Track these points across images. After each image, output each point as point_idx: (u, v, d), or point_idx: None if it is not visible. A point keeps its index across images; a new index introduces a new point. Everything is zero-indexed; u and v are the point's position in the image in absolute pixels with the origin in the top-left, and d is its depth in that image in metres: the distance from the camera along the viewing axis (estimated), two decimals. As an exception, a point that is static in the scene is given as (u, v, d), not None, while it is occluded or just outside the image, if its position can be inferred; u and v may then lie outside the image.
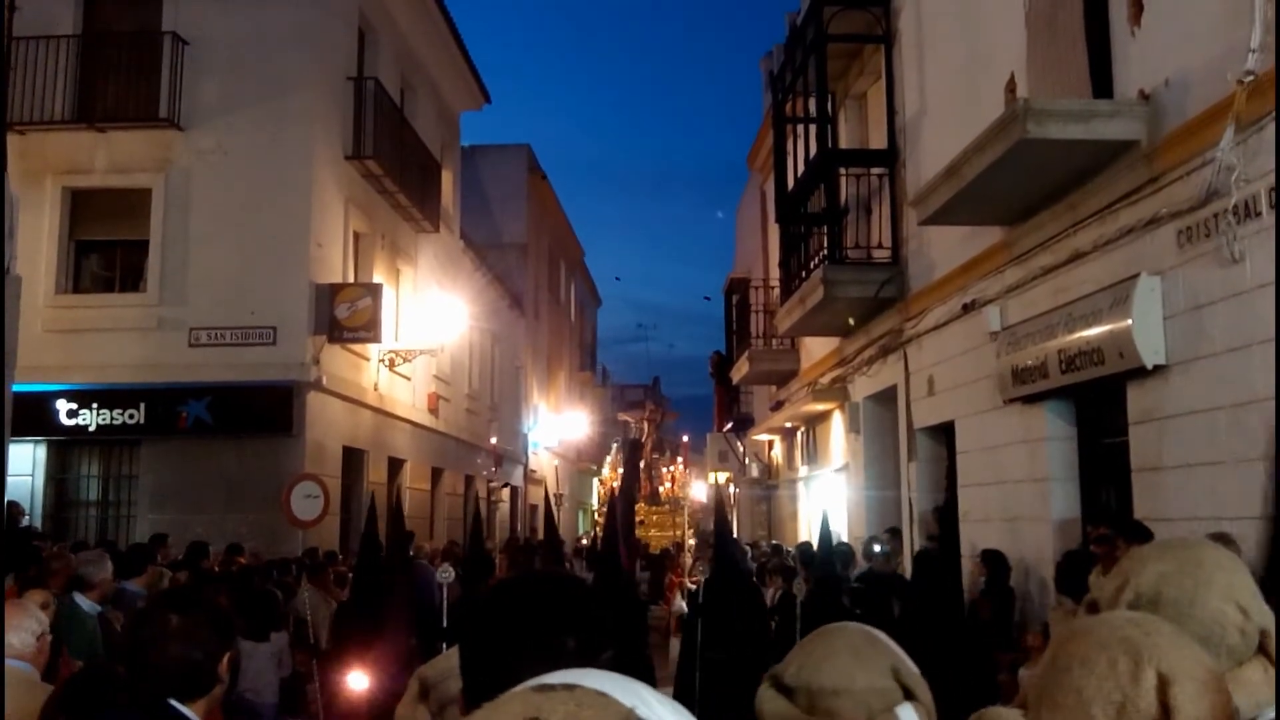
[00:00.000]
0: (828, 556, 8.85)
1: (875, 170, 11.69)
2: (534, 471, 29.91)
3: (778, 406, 18.20)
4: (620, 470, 26.91)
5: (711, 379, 27.49)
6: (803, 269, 12.59)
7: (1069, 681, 1.30)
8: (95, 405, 13.61)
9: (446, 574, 5.87)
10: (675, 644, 10.62)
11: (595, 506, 35.76)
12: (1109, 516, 6.79)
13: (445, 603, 6.04)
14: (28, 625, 3.69)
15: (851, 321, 11.17)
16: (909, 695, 1.78)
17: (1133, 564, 1.62)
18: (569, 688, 0.85)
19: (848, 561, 9.84)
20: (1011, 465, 8.56)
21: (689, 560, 14.52)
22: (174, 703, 2.42)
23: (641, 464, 26.95)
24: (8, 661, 3.45)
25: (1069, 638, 1.36)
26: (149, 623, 2.55)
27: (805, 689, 1.74)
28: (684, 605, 11.86)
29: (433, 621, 7.33)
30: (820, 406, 14.81)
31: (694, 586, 12.12)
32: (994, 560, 7.97)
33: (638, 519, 25.16)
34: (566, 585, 1.49)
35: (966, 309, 9.36)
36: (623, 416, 31.12)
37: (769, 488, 21.29)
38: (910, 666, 1.81)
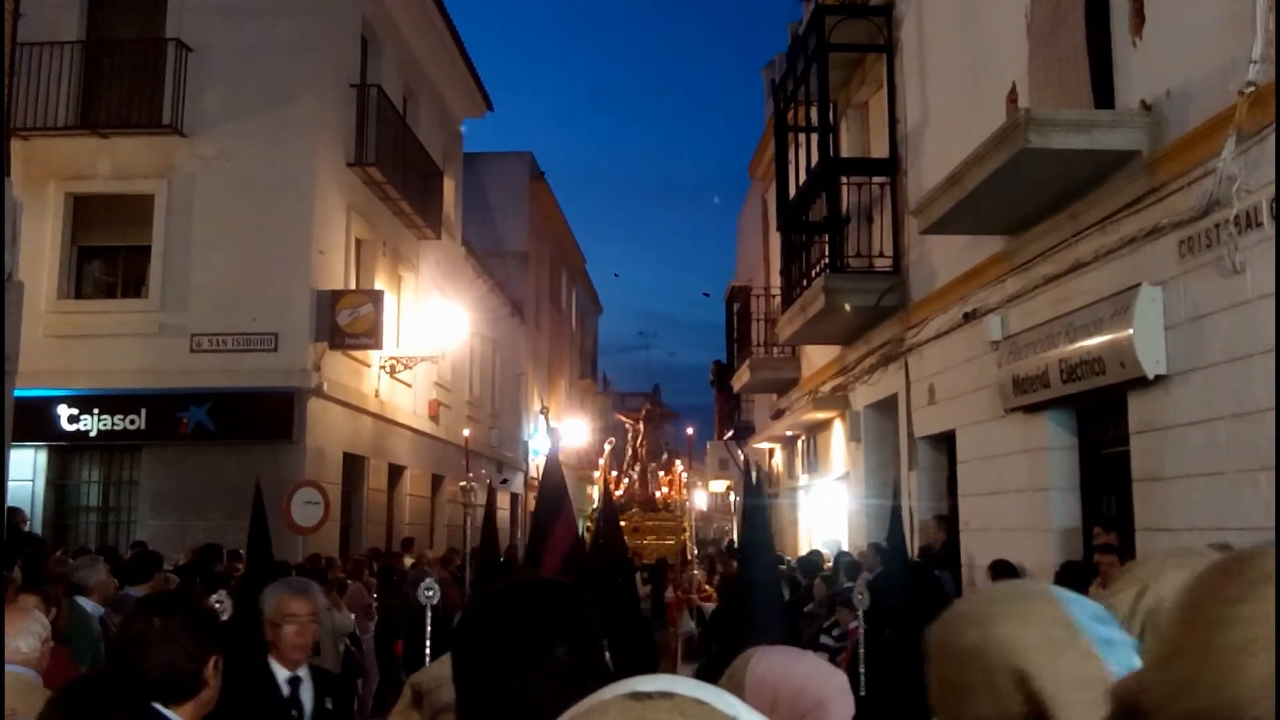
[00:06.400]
0: (898, 565, 7.69)
1: (877, 179, 11.72)
2: (535, 479, 29.88)
3: (778, 415, 18.20)
4: (614, 473, 26.67)
5: (712, 387, 27.45)
6: (804, 277, 12.60)
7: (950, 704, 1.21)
8: (96, 410, 13.61)
9: (431, 592, 5.51)
10: (684, 670, 9.67)
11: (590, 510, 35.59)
12: (1117, 524, 6.79)
13: (430, 620, 5.65)
14: (33, 630, 3.68)
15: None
16: None
17: (1148, 571, 1.60)
18: (667, 695, 0.82)
19: (854, 572, 9.84)
20: (1012, 475, 8.56)
21: (698, 575, 13.64)
22: (159, 706, 2.41)
23: (638, 468, 26.75)
24: (13, 668, 3.44)
25: (940, 657, 1.23)
26: (133, 627, 2.55)
27: None
28: (693, 626, 11.41)
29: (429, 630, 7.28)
30: (821, 415, 14.82)
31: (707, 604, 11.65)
32: (1002, 570, 7.94)
33: (631, 526, 25.00)
34: (558, 592, 1.48)
35: (967, 318, 9.37)
36: (618, 416, 30.91)
37: (770, 496, 21.27)
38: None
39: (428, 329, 18.21)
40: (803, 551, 14.12)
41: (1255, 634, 0.74)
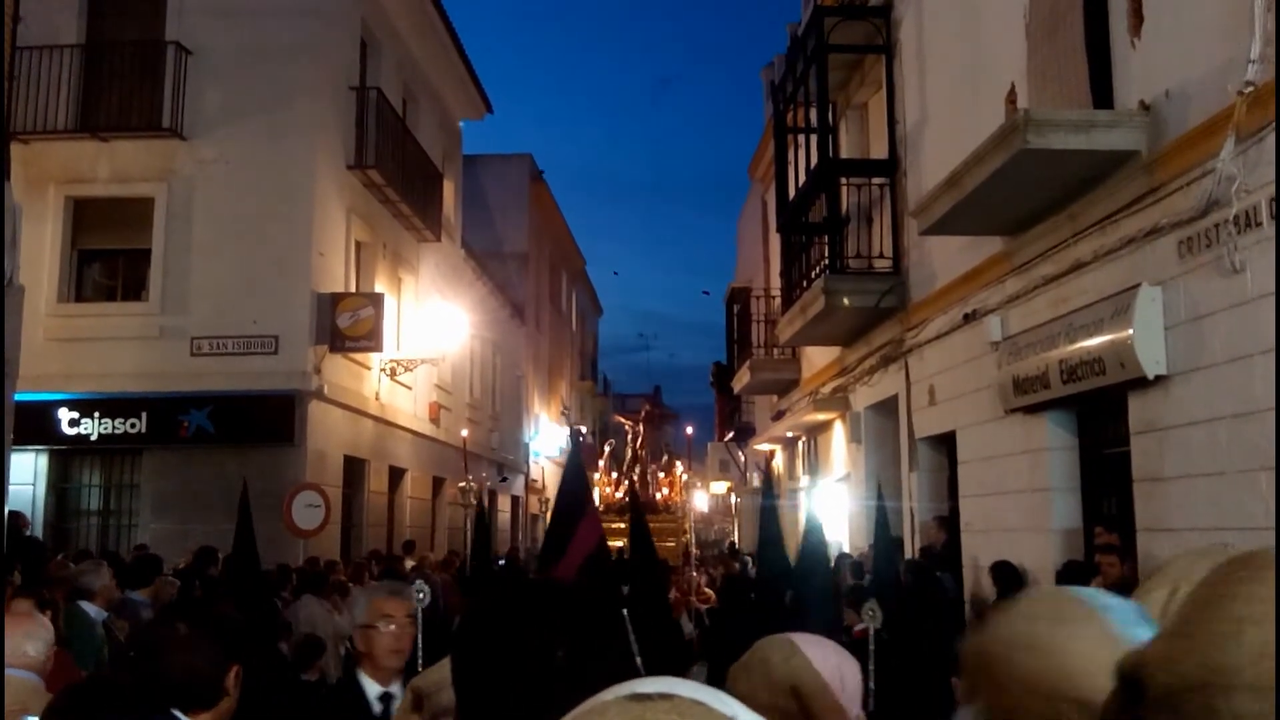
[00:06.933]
0: (889, 568, 7.44)
1: (876, 180, 11.72)
2: (535, 481, 29.89)
3: (779, 416, 18.20)
4: (613, 475, 26.63)
5: (713, 388, 27.47)
6: (804, 278, 12.60)
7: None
8: (97, 414, 13.61)
9: (421, 594, 5.18)
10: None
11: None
12: (1118, 525, 6.79)
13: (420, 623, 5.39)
14: (42, 635, 3.69)
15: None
16: (809, 716, 1.79)
17: (1179, 570, 1.58)
18: (666, 696, 0.84)
19: (858, 572, 9.85)
20: (1013, 475, 8.55)
21: (696, 577, 13.55)
22: (177, 713, 2.41)
23: (638, 470, 26.71)
24: (18, 673, 3.45)
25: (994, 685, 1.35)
26: (155, 632, 2.54)
27: None
28: (691, 628, 11.38)
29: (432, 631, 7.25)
30: (821, 416, 14.82)
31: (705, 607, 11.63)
32: (1004, 571, 7.93)
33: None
34: (556, 595, 1.47)
35: (967, 319, 9.37)
36: (618, 418, 30.89)
37: (774, 497, 21.23)
38: (816, 686, 1.82)
39: (428, 331, 18.21)
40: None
41: (1251, 611, 0.81)
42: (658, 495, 26.11)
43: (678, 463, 28.97)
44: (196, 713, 2.43)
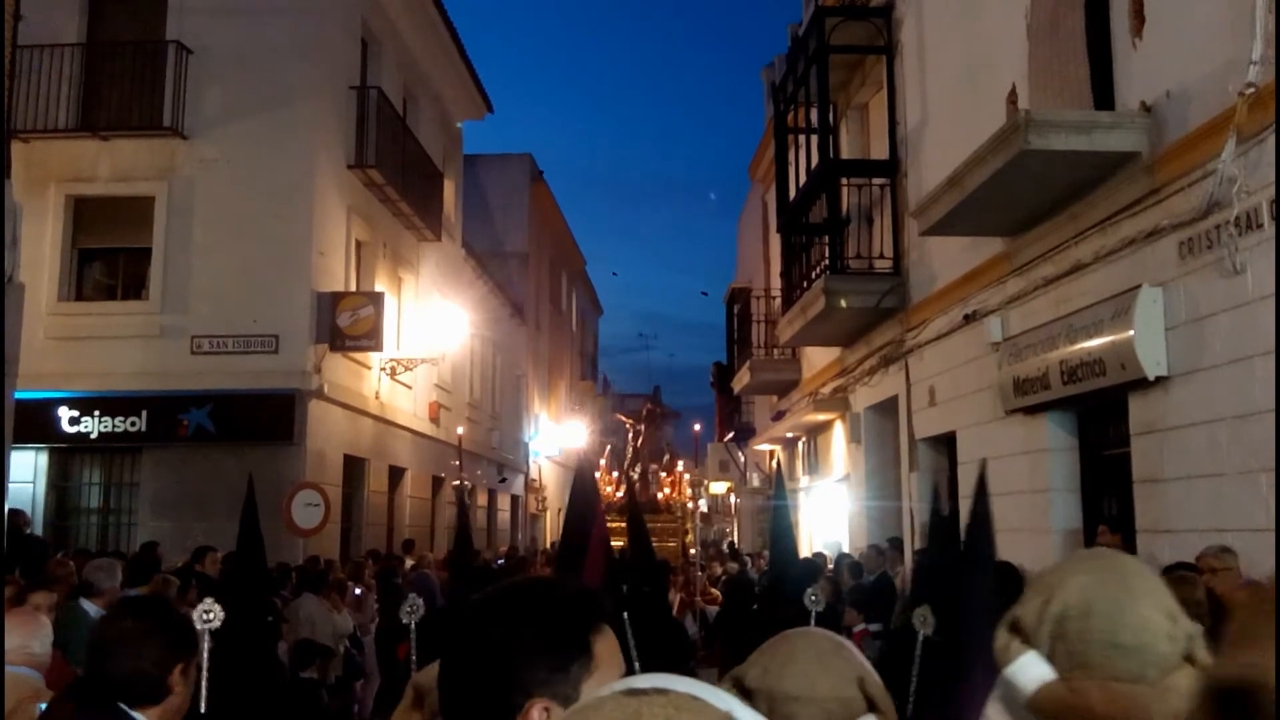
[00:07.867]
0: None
1: (877, 180, 11.72)
2: (534, 480, 29.89)
3: (779, 416, 18.20)
4: (613, 474, 26.52)
5: (713, 389, 27.45)
6: (804, 279, 12.61)
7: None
8: (97, 413, 13.61)
9: (412, 608, 4.74)
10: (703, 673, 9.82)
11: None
12: (1119, 526, 6.79)
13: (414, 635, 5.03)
14: (47, 634, 3.72)
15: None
16: (872, 706, 1.77)
17: (1054, 578, 1.60)
18: (661, 692, 0.86)
19: (857, 572, 9.86)
20: (1013, 476, 8.56)
21: (699, 576, 13.42)
22: (124, 708, 2.42)
23: (639, 468, 26.61)
24: (24, 670, 3.46)
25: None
26: (105, 629, 2.57)
27: (766, 693, 1.73)
28: (696, 628, 11.36)
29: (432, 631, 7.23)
30: (821, 416, 14.83)
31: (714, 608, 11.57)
32: (1004, 572, 7.91)
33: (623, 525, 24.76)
34: (539, 593, 1.45)
35: (968, 319, 9.38)
36: (619, 417, 30.83)
37: (770, 498, 21.25)
38: (875, 677, 1.80)
39: (428, 331, 18.21)
40: (804, 554, 14.08)
41: None
42: (659, 495, 26.03)
43: (679, 462, 28.91)
44: (144, 708, 2.44)
